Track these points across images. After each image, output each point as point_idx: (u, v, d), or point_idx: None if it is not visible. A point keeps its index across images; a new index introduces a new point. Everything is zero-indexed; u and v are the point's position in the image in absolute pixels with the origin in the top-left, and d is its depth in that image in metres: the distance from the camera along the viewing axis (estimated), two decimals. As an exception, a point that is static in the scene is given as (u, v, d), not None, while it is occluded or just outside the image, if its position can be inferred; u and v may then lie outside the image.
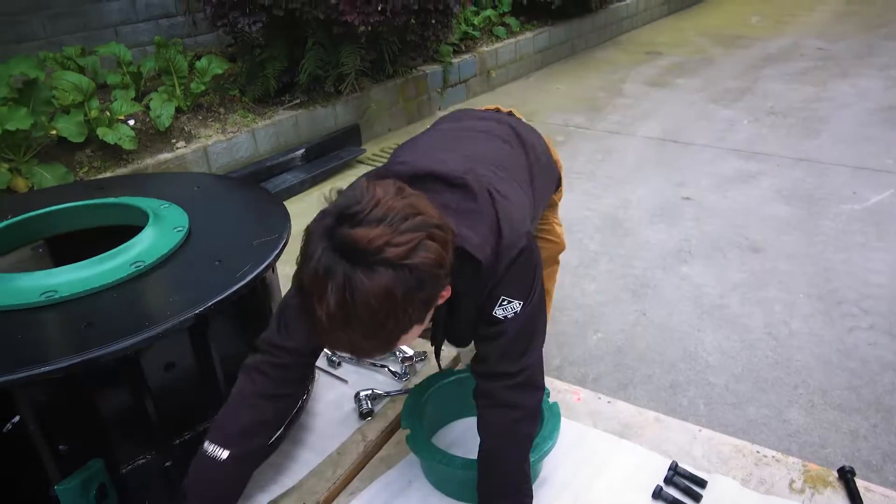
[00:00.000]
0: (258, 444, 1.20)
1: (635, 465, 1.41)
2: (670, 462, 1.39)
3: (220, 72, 3.62)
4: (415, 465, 1.44)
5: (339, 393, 1.67)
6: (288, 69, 3.85)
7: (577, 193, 3.30)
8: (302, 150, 3.71)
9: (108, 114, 2.99)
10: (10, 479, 1.27)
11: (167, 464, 1.32)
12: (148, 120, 3.23)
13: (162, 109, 3.16)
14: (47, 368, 1.00)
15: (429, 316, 1.02)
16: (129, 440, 1.28)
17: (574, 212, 3.07)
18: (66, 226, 1.54)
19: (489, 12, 5.60)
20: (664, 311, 2.30)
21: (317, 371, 1.72)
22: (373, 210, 0.90)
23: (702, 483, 1.35)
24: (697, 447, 1.46)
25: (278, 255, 1.34)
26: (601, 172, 3.60)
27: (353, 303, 0.88)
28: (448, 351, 1.80)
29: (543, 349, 1.23)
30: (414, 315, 0.95)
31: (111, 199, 1.54)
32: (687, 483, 1.34)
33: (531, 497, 1.23)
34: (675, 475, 1.36)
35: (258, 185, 1.71)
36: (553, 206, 1.80)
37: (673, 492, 1.33)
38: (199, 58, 3.73)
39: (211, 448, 1.15)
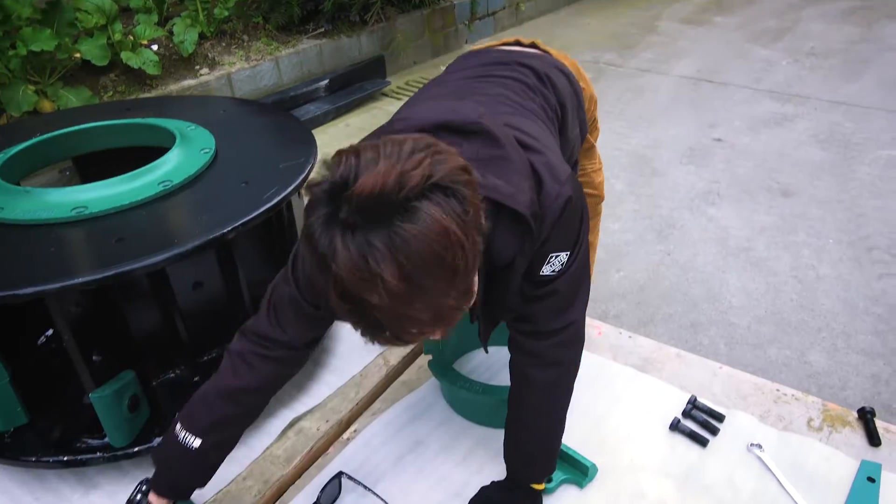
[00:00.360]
0: (232, 435, 1.11)
1: (654, 398, 1.42)
2: (689, 396, 1.40)
3: (243, -3, 3.55)
4: (435, 389, 1.46)
5: (362, 319, 1.69)
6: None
7: (605, 132, 3.22)
8: (326, 81, 3.65)
9: (131, 38, 2.96)
10: (48, 388, 1.32)
11: (196, 379, 1.36)
12: (171, 45, 3.19)
13: (185, 35, 3.11)
14: (81, 280, 1.02)
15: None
16: (159, 355, 1.32)
17: (602, 151, 3.00)
18: (93, 145, 1.54)
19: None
20: (689, 252, 2.28)
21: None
22: (360, 161, 0.71)
23: (720, 417, 1.36)
24: (717, 384, 1.46)
25: (304, 179, 1.34)
26: (631, 111, 3.51)
27: (411, 259, 0.69)
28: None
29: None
30: (474, 240, 0.76)
31: (138, 120, 1.54)
32: (705, 417, 1.35)
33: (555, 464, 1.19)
34: (694, 409, 1.37)
35: (284, 111, 1.69)
36: (589, 149, 1.61)
37: (690, 424, 1.35)
38: (222, -18, 3.64)
39: (182, 434, 1.05)
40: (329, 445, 1.36)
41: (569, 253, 1.01)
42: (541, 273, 1.02)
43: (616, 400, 1.42)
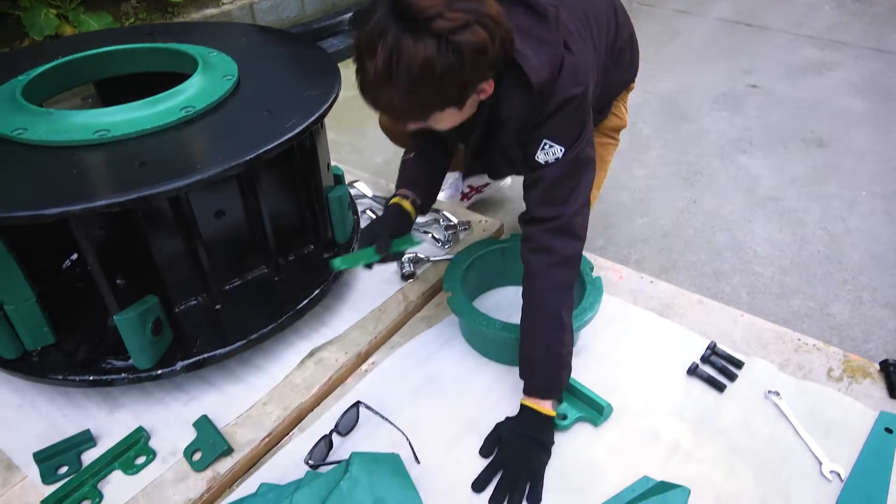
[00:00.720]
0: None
1: (673, 342, 1.41)
2: (709, 342, 1.39)
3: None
4: (454, 326, 1.47)
5: (382, 255, 1.69)
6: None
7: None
8: (350, 14, 3.56)
9: (153, -37, 2.88)
10: (73, 311, 1.34)
11: (218, 306, 1.38)
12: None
13: (207, -40, 3.03)
14: (104, 202, 1.02)
15: (467, 108, 1.14)
16: (181, 282, 1.33)
17: (631, 95, 2.93)
18: (115, 69, 1.52)
19: None
20: (715, 200, 2.23)
21: (360, 232, 1.74)
22: None
23: (738, 364, 1.35)
24: (738, 331, 1.45)
25: (328, 109, 1.31)
26: (665, 54, 3.39)
27: (397, 66, 0.99)
28: (492, 221, 1.79)
29: (589, 228, 1.25)
30: (450, 93, 1.06)
31: (161, 45, 1.51)
32: (723, 363, 1.35)
33: (570, 370, 1.24)
34: (713, 355, 1.36)
35: (307, 40, 1.64)
36: (624, 95, 1.73)
37: (708, 370, 1.34)
38: None
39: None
40: (348, 376, 1.38)
41: (564, 149, 1.17)
42: (535, 157, 1.19)
43: (635, 343, 1.42)
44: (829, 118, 2.73)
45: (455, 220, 1.77)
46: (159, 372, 1.25)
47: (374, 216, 1.80)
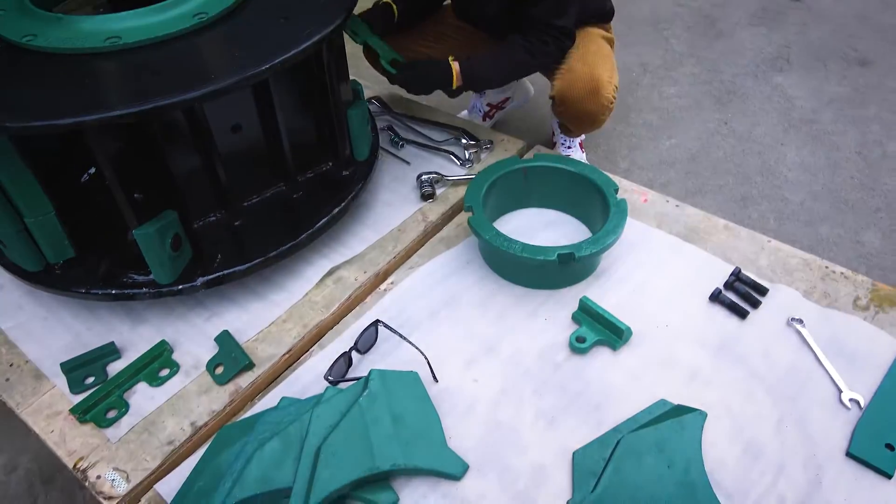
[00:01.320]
0: None
1: (697, 268, 1.39)
2: (733, 268, 1.36)
3: None
4: (473, 247, 1.45)
5: (401, 174, 1.66)
6: None
7: (669, -14, 2.95)
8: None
9: None
10: (93, 225, 1.34)
11: (237, 223, 1.37)
12: None
13: None
14: (119, 112, 0.99)
15: None
16: (200, 198, 1.31)
17: (661, 7, 2.78)
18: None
19: None
20: (748, 122, 2.14)
21: (379, 151, 1.70)
22: None
23: (762, 290, 1.33)
24: (763, 257, 1.42)
25: (347, 17, 1.25)
26: (700, -37, 3.19)
27: None
28: (515, 140, 1.74)
29: (613, 149, 1.37)
30: None
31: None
32: (747, 289, 1.33)
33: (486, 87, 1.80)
34: (737, 281, 1.34)
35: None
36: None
37: (731, 296, 1.32)
38: None
39: None
40: (367, 295, 1.38)
41: None
42: None
43: (657, 267, 1.39)
44: (874, 35, 2.58)
45: (476, 140, 1.72)
46: (180, 287, 1.26)
47: (393, 133, 1.76)
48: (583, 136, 1.89)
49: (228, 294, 1.36)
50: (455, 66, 1.60)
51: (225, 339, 1.26)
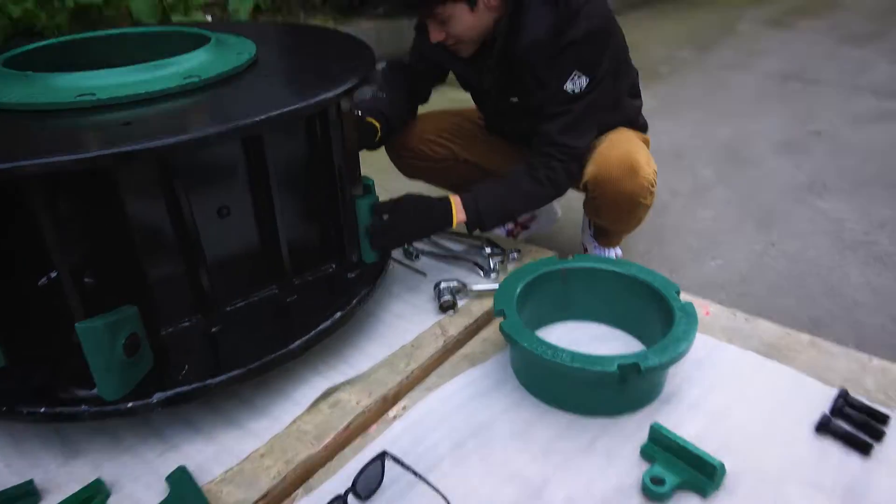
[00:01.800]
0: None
1: (788, 389, 1.10)
2: (838, 390, 1.07)
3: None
4: (505, 364, 1.18)
5: (415, 284, 1.42)
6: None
7: (685, 122, 2.93)
8: (383, 64, 3.44)
9: None
10: (31, 327, 1.08)
11: (214, 329, 1.11)
12: (225, 13, 3.03)
13: (240, 3, 2.95)
14: (70, 157, 0.78)
15: (479, 14, 1.31)
16: (171, 295, 1.07)
17: (683, 140, 2.71)
18: (122, 53, 1.32)
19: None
20: (797, 244, 1.94)
21: (391, 262, 1.48)
22: None
23: (882, 417, 1.03)
24: (869, 378, 1.13)
25: (358, 84, 1.08)
26: (714, 104, 3.19)
27: None
28: (545, 251, 1.51)
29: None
30: None
31: (174, 28, 1.32)
32: (863, 416, 1.03)
33: (497, 224, 1.40)
34: (846, 405, 1.04)
35: (342, 32, 1.44)
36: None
37: (844, 425, 1.02)
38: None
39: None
40: (371, 423, 1.08)
41: (589, 79, 1.31)
42: (563, 88, 1.32)
43: (739, 390, 1.10)
44: (909, 163, 2.46)
45: (502, 249, 1.50)
46: (130, 405, 0.97)
47: (406, 244, 1.54)
48: (619, 251, 1.68)
49: (193, 419, 1.07)
50: (455, 200, 1.32)
51: (179, 479, 0.94)
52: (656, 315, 1.16)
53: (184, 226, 1.02)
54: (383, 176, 1.72)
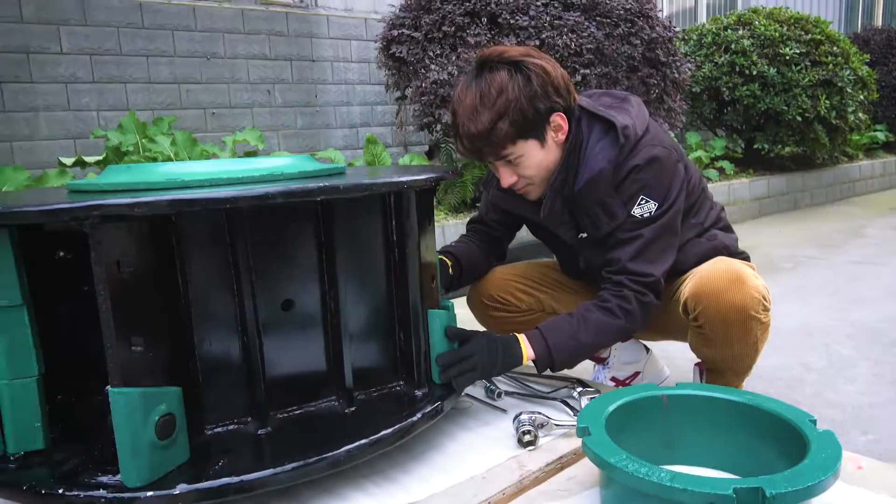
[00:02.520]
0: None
1: None
2: None
3: (419, 174, 3.72)
4: (594, 499, 0.95)
5: (493, 419, 1.26)
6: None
7: (816, 307, 2.67)
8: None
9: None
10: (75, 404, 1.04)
11: (261, 432, 1.01)
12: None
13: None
14: (127, 201, 0.79)
15: (549, 149, 1.29)
16: (223, 390, 1.01)
17: (816, 322, 2.45)
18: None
19: (699, 153, 5.33)
20: (976, 423, 1.57)
21: (469, 400, 1.34)
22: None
23: None
24: None
25: (440, 181, 1.07)
26: (848, 292, 2.92)
27: (481, 92, 1.23)
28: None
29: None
30: (528, 112, 1.23)
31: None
32: None
33: (570, 366, 1.29)
34: None
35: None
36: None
37: None
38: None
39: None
40: (422, 556, 0.88)
41: (658, 204, 1.29)
42: (631, 213, 1.29)
43: (916, 552, 0.81)
44: None
45: (594, 389, 1.32)
46: (150, 494, 0.86)
47: (489, 382, 1.40)
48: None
49: (219, 526, 0.92)
50: (522, 338, 1.25)
51: (185, 586, 0.79)
52: (786, 455, 0.92)
53: (245, 315, 0.99)
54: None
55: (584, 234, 1.38)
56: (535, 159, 1.29)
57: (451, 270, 1.47)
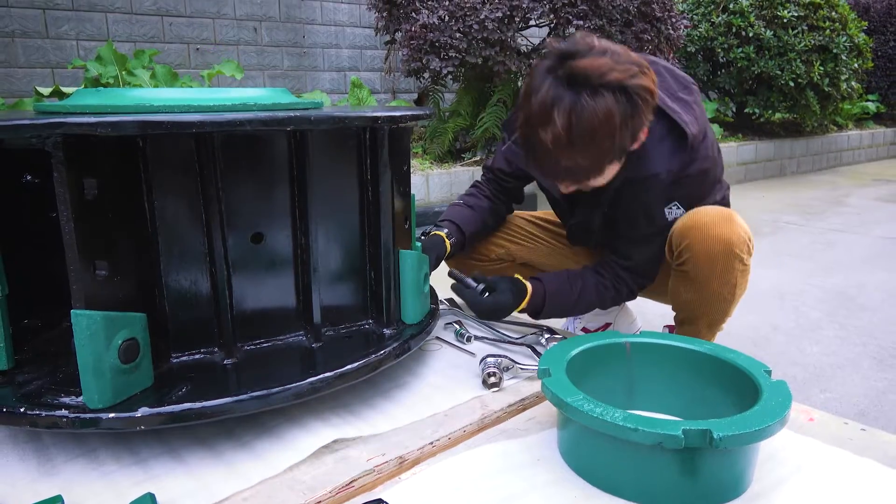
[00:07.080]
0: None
1: (926, 506, 0.83)
2: None
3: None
4: (551, 442, 0.98)
5: (461, 362, 1.27)
6: (470, 128, 3.81)
7: (791, 271, 2.71)
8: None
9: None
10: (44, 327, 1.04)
11: (226, 362, 1.02)
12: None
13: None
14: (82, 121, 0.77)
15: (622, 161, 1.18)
16: (189, 319, 1.01)
17: (789, 285, 2.49)
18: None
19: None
20: (931, 386, 1.62)
21: (439, 343, 1.36)
22: (593, 49, 1.07)
23: None
24: None
25: (415, 118, 1.06)
26: (824, 258, 2.96)
27: (578, 124, 1.04)
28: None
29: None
30: (625, 141, 1.11)
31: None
32: None
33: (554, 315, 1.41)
34: None
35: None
36: None
37: None
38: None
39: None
40: (378, 484, 0.90)
41: (684, 210, 1.29)
42: (662, 211, 1.29)
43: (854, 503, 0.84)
44: None
45: (562, 336, 1.34)
46: (112, 416, 0.86)
47: (459, 326, 1.42)
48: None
49: (179, 450, 0.94)
50: (529, 286, 1.35)
51: (143, 504, 0.80)
52: (739, 402, 0.95)
53: (214, 245, 0.98)
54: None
55: (605, 211, 1.35)
56: (609, 175, 1.19)
57: (448, 246, 1.41)
